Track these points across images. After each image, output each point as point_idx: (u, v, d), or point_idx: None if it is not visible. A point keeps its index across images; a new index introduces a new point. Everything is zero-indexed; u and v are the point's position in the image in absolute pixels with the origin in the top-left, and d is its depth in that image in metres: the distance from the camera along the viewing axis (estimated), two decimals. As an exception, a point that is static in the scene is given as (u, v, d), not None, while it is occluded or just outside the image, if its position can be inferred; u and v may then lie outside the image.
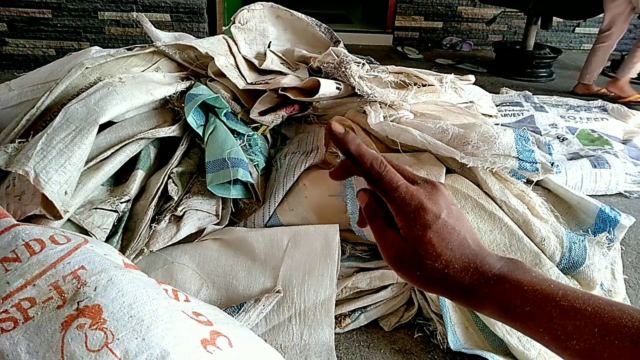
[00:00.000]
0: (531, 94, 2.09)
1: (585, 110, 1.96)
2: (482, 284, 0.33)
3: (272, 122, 1.20)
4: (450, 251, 0.34)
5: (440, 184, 0.37)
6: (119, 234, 0.90)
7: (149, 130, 1.02)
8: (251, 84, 1.26)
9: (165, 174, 1.00)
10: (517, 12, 3.01)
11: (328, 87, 1.20)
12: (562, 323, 0.29)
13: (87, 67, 1.08)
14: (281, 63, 1.42)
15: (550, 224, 0.93)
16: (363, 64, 1.30)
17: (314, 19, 1.57)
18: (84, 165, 0.89)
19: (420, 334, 0.88)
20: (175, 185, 0.99)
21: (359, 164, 0.35)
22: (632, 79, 2.38)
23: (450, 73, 1.45)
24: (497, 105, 1.78)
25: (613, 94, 2.30)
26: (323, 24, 1.58)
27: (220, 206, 1.00)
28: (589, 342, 0.28)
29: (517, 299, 0.32)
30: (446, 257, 0.34)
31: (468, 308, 0.36)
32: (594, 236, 0.94)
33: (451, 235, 0.34)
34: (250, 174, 1.01)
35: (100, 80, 1.03)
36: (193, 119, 1.06)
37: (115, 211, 0.90)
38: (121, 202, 0.92)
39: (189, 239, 0.96)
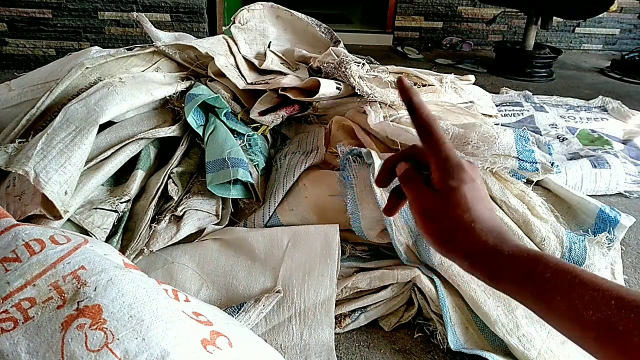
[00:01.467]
0: (531, 94, 2.09)
1: (585, 110, 1.96)
2: (505, 247, 0.34)
3: (272, 122, 1.20)
4: (480, 210, 0.36)
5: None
6: (119, 234, 0.90)
7: (149, 130, 1.02)
8: (251, 84, 1.26)
9: (165, 174, 1.00)
10: (517, 12, 3.01)
11: (328, 87, 1.20)
12: (581, 292, 0.30)
13: (87, 67, 1.08)
14: (281, 63, 1.42)
15: (550, 224, 0.93)
16: (363, 64, 1.30)
17: (314, 19, 1.57)
18: (84, 165, 0.89)
19: (420, 334, 0.88)
20: (175, 185, 0.99)
21: (415, 115, 0.39)
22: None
23: (450, 73, 1.44)
24: (497, 105, 1.78)
25: None
26: (323, 24, 1.58)
27: (220, 206, 1.00)
28: (605, 313, 0.28)
29: (538, 264, 0.32)
30: (476, 212, 0.35)
31: (483, 277, 0.35)
32: (594, 236, 0.94)
33: (483, 200, 0.37)
34: (250, 174, 1.01)
35: (100, 80, 1.03)
36: (193, 119, 1.06)
37: (115, 211, 0.90)
38: (121, 202, 0.92)
39: (189, 239, 0.96)
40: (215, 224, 0.99)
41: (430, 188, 0.38)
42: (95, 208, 0.89)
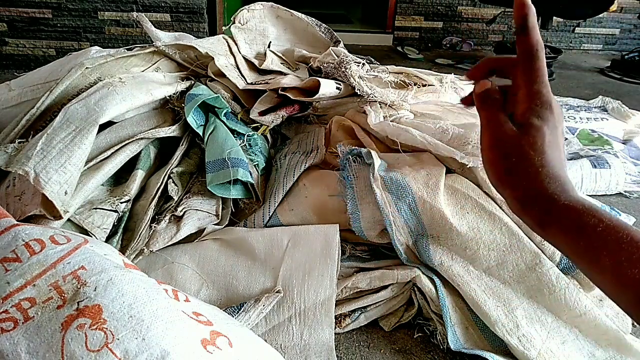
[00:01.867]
0: (531, 94, 2.09)
1: (585, 110, 1.96)
2: (562, 196, 0.33)
3: (272, 122, 1.20)
4: (552, 157, 0.34)
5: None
6: (119, 234, 0.90)
7: (149, 130, 1.02)
8: (251, 84, 1.26)
9: (165, 174, 1.00)
10: (517, 12, 3.00)
11: (328, 87, 1.20)
12: (630, 249, 0.29)
13: (87, 67, 1.08)
14: (281, 63, 1.42)
15: (550, 224, 0.93)
16: (363, 64, 1.30)
17: (314, 19, 1.57)
18: (84, 165, 0.89)
19: (420, 334, 0.88)
20: (175, 185, 1.00)
21: (525, 35, 0.36)
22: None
23: (450, 73, 1.44)
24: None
25: None
26: (323, 24, 1.58)
27: (220, 206, 1.00)
28: None
29: (592, 218, 0.32)
30: (547, 157, 0.34)
31: (532, 222, 0.34)
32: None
33: (558, 147, 0.35)
34: (250, 174, 1.01)
35: (100, 80, 1.03)
36: (193, 119, 1.06)
37: (115, 211, 0.90)
38: (121, 202, 0.92)
39: (189, 239, 0.96)
40: (215, 224, 0.99)
41: (508, 117, 0.36)
42: (95, 208, 0.89)
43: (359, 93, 1.21)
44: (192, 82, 1.20)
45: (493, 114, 0.37)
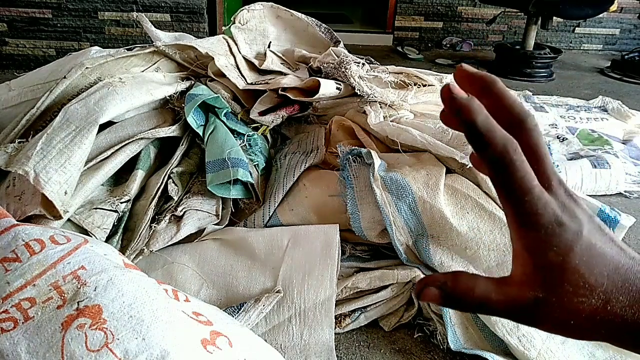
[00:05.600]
0: (531, 94, 2.09)
1: (585, 110, 1.96)
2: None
3: (272, 122, 1.20)
4: (608, 279, 0.24)
5: (573, 192, 0.26)
6: (119, 234, 0.90)
7: (149, 130, 1.02)
8: (251, 84, 1.26)
9: (165, 174, 1.00)
10: (517, 12, 3.00)
11: (328, 87, 1.20)
12: None
13: (87, 67, 1.08)
14: (281, 63, 1.42)
15: (550, 224, 0.93)
16: (363, 64, 1.30)
17: (314, 19, 1.57)
18: (84, 165, 0.89)
19: (420, 334, 0.88)
20: (175, 185, 1.00)
21: (484, 145, 0.24)
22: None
23: (450, 73, 1.44)
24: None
25: None
26: (323, 24, 1.58)
27: (220, 206, 1.00)
28: None
29: None
30: (603, 288, 0.24)
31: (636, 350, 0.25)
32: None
33: (604, 258, 0.24)
34: (250, 174, 1.01)
35: (100, 80, 1.03)
36: (193, 119, 1.06)
37: (115, 211, 0.90)
38: (121, 202, 0.92)
39: (189, 239, 0.96)
40: (215, 224, 0.99)
41: (507, 279, 0.26)
42: (95, 208, 0.89)
43: (359, 93, 1.21)
44: (192, 82, 1.20)
45: (493, 286, 0.26)
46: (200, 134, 1.07)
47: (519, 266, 0.25)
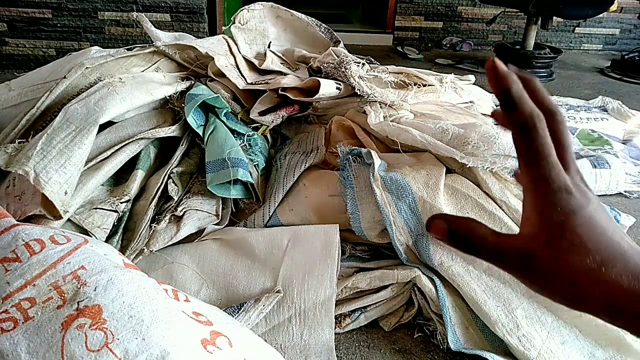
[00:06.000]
0: (531, 94, 2.09)
1: (585, 110, 1.96)
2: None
3: (272, 122, 1.20)
4: (605, 247, 0.25)
5: (584, 179, 0.28)
6: (119, 234, 0.90)
7: (149, 130, 1.02)
8: (251, 84, 1.26)
9: (165, 174, 1.00)
10: (517, 12, 3.00)
11: (328, 87, 1.20)
12: None
13: (87, 67, 1.08)
14: (281, 63, 1.42)
15: (550, 224, 0.93)
16: (363, 64, 1.30)
17: (314, 19, 1.57)
18: (84, 165, 0.89)
19: (420, 334, 0.88)
20: (175, 185, 1.00)
21: (514, 106, 0.26)
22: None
23: (450, 73, 1.44)
24: (497, 106, 1.78)
25: None
26: (323, 24, 1.58)
27: (221, 206, 1.00)
28: None
29: None
30: (602, 251, 0.25)
31: (624, 326, 0.25)
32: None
33: (603, 230, 0.26)
34: (250, 174, 1.01)
35: (100, 80, 1.03)
36: (193, 119, 1.06)
37: (116, 211, 0.90)
38: (121, 202, 0.92)
39: (189, 239, 0.96)
40: (215, 224, 0.99)
41: (513, 239, 0.27)
42: (95, 208, 0.89)
43: (359, 93, 1.21)
44: (192, 82, 1.20)
45: (494, 237, 0.27)
46: (200, 134, 1.07)
47: (525, 227, 0.27)
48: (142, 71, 1.17)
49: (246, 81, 1.26)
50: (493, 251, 0.27)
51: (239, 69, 1.29)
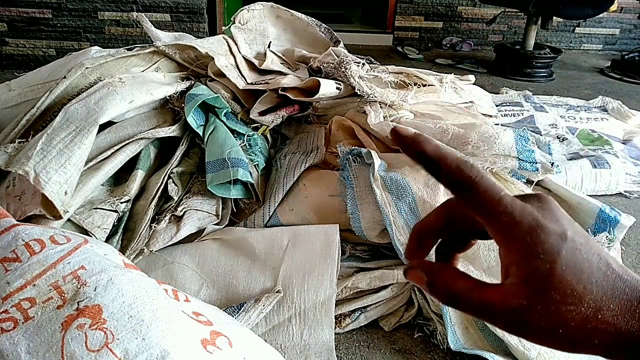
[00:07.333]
0: (531, 94, 2.09)
1: (585, 110, 1.96)
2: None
3: (272, 122, 1.20)
4: (597, 286, 0.23)
5: (547, 196, 0.26)
6: (119, 234, 0.90)
7: (149, 130, 1.02)
8: (251, 84, 1.26)
9: (165, 174, 1.00)
10: (517, 12, 3.01)
11: (328, 87, 1.20)
12: None
13: (87, 67, 1.08)
14: (281, 63, 1.42)
15: (550, 224, 0.93)
16: (363, 64, 1.30)
17: (314, 19, 1.57)
18: (84, 165, 0.89)
19: (420, 334, 0.88)
20: (175, 185, 0.99)
21: (439, 171, 0.25)
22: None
23: (450, 73, 1.44)
24: (497, 105, 1.78)
25: None
26: (323, 24, 1.58)
27: (221, 206, 1.00)
28: None
29: None
30: (593, 296, 0.23)
31: None
32: (594, 236, 0.94)
33: (591, 264, 0.23)
34: (250, 174, 1.01)
35: (100, 80, 1.03)
36: (193, 119, 1.06)
37: (116, 211, 0.90)
38: (121, 202, 0.92)
39: (189, 239, 0.96)
40: (215, 224, 0.99)
41: (492, 286, 0.24)
42: (95, 208, 0.89)
43: (359, 93, 1.21)
44: (192, 82, 1.20)
45: (472, 290, 0.25)
46: (200, 134, 1.07)
47: (509, 277, 0.24)
48: (142, 71, 1.17)
49: (246, 81, 1.26)
50: (480, 306, 0.24)
51: (239, 69, 1.29)
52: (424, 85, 1.30)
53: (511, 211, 0.23)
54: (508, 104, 1.93)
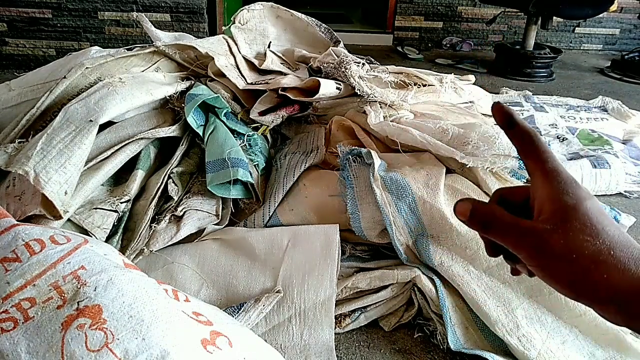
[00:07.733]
0: (531, 94, 2.09)
1: (585, 110, 1.96)
2: None
3: (272, 122, 1.20)
4: (613, 231, 0.27)
5: None
6: (119, 234, 0.90)
7: (149, 130, 1.02)
8: (251, 84, 1.26)
9: (165, 174, 1.00)
10: (517, 12, 3.01)
11: (328, 87, 1.20)
12: None
13: (87, 67, 1.08)
14: (281, 63, 1.42)
15: (550, 224, 0.93)
16: (363, 64, 1.30)
17: (314, 19, 1.57)
18: (84, 165, 0.89)
19: (420, 334, 0.88)
20: (175, 185, 0.99)
21: (514, 123, 0.32)
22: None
23: (450, 73, 1.44)
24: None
25: None
26: (323, 24, 1.58)
27: (221, 206, 1.00)
28: None
29: None
30: (608, 237, 0.26)
31: (633, 323, 0.26)
32: (594, 236, 0.94)
33: (609, 219, 0.28)
34: (250, 174, 1.01)
35: (100, 80, 1.03)
36: (193, 119, 1.06)
37: (116, 211, 0.90)
38: (121, 202, 0.92)
39: (189, 239, 0.96)
40: (215, 224, 0.99)
41: (529, 221, 0.29)
42: (95, 208, 0.89)
43: (359, 93, 1.21)
44: (192, 82, 1.20)
45: (511, 222, 0.30)
46: (200, 134, 1.07)
47: (539, 212, 0.30)
48: (142, 71, 1.17)
49: (246, 81, 1.26)
50: (512, 225, 0.30)
51: (239, 69, 1.29)
52: (424, 85, 1.30)
53: (558, 162, 0.30)
54: (508, 104, 1.93)
